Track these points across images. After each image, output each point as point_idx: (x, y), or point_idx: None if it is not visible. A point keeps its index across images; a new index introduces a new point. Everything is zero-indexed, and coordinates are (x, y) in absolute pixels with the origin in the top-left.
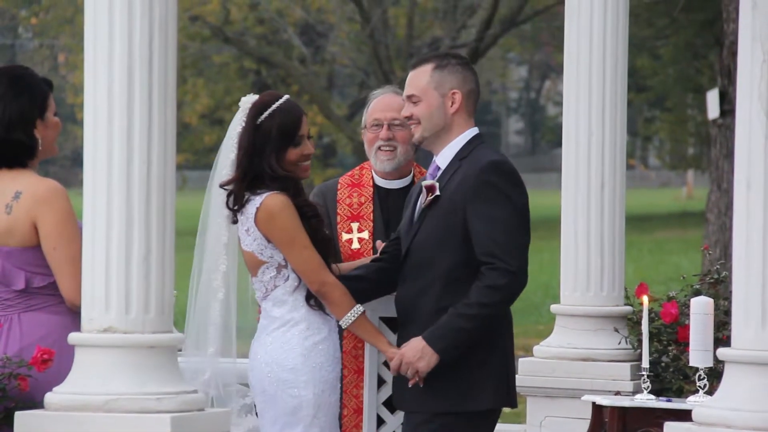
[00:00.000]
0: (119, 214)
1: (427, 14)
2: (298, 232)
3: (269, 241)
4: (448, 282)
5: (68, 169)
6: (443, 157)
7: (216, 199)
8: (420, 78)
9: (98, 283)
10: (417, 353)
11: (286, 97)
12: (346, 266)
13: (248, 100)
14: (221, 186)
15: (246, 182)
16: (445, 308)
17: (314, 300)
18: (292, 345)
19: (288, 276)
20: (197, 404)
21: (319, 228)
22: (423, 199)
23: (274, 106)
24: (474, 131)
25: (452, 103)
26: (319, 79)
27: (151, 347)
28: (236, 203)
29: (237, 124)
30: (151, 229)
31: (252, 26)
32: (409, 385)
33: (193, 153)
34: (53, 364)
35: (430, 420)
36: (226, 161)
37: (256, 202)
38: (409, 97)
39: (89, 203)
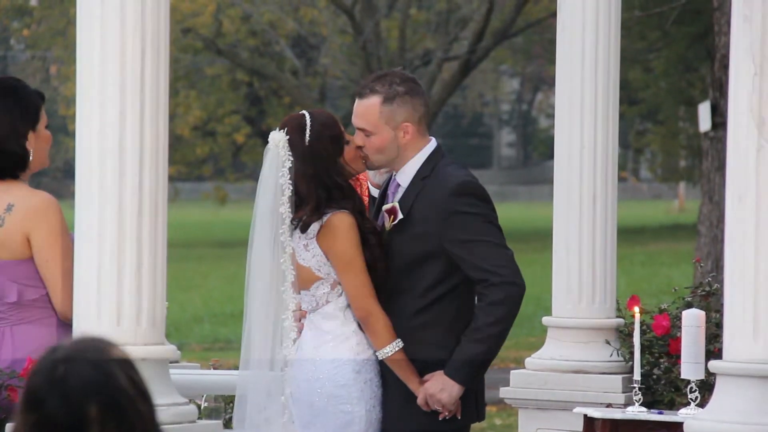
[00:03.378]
0: (111, 226)
1: (419, 27)
2: (356, 255)
3: (328, 259)
4: (424, 303)
5: (60, 180)
6: (404, 176)
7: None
8: (369, 113)
9: (90, 295)
10: (438, 385)
11: (304, 112)
12: None
13: (278, 138)
14: (296, 220)
15: (322, 208)
16: (421, 326)
17: None
18: (343, 360)
19: (341, 292)
20: (189, 416)
21: (380, 258)
22: (386, 223)
23: (308, 122)
24: (431, 146)
25: (405, 134)
26: (311, 91)
27: (143, 359)
28: (305, 229)
29: (276, 163)
30: (143, 240)
31: (244, 38)
32: (440, 418)
33: (185, 165)
34: None
35: None
36: (266, 205)
37: (321, 220)
38: (361, 129)
39: (81, 215)
